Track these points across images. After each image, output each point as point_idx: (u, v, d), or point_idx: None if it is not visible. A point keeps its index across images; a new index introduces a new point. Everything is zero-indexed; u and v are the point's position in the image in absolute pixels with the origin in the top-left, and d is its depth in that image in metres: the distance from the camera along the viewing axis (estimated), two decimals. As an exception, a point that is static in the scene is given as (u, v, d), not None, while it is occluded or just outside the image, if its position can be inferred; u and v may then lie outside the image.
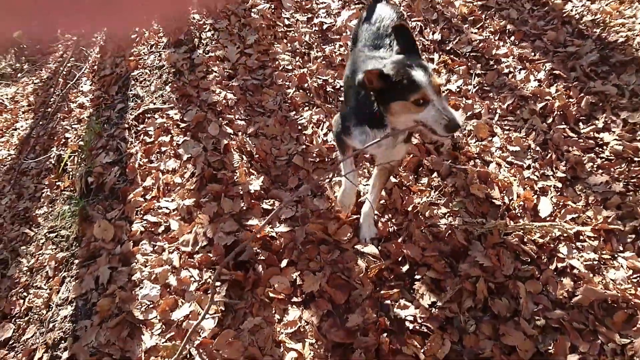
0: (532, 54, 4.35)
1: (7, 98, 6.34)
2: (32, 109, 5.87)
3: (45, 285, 3.24)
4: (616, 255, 2.95)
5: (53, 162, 4.27)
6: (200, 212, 3.20)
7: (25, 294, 3.32)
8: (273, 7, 4.92)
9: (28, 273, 3.48)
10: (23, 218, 4.10)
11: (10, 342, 3.05)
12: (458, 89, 4.12)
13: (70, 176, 3.99)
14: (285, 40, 4.61)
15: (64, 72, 5.86)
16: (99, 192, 3.53)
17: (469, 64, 4.34)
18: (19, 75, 7.04)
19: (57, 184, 4.04)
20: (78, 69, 5.67)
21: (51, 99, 5.49)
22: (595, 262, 2.90)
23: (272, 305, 2.85)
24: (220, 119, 3.81)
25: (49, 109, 5.29)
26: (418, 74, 2.17)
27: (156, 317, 2.75)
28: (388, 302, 2.85)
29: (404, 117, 2.32)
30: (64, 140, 4.43)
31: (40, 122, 5.25)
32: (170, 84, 4.19)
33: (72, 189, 3.76)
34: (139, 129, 3.86)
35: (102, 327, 2.74)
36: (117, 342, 2.69)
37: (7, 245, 3.87)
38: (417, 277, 2.95)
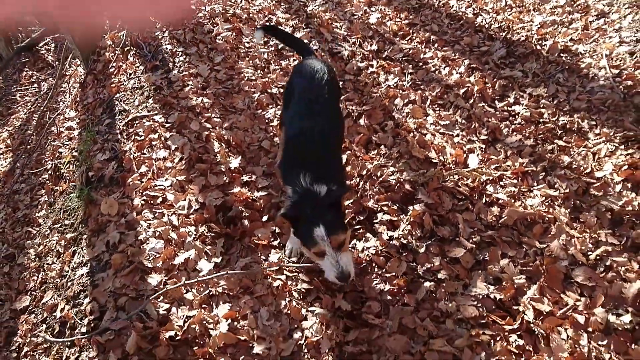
0: (453, 55, 5.01)
1: (-17, 144, 6.49)
2: (10, 149, 6.06)
3: (57, 260, 3.48)
4: (532, 189, 3.48)
5: (49, 172, 4.54)
6: (191, 185, 3.58)
7: (37, 273, 3.55)
8: (234, 34, 5.46)
9: (37, 259, 3.70)
10: (23, 222, 4.31)
11: (30, 308, 3.27)
12: (395, 85, 4.70)
13: (67, 180, 4.27)
14: (247, 58, 5.13)
15: (43, 108, 6.14)
16: (100, 182, 3.83)
17: (402, 66, 4.95)
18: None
19: (56, 188, 4.31)
20: (54, 110, 5.96)
21: (31, 137, 5.71)
22: (516, 193, 3.41)
23: (257, 250, 3.22)
24: (200, 117, 4.24)
25: (33, 138, 5.55)
26: (318, 232, 2.41)
27: (161, 264, 3.07)
28: (355, 240, 3.25)
29: (309, 255, 2.66)
30: (58, 154, 4.72)
31: (24, 156, 5.48)
32: (152, 98, 4.59)
33: (74, 185, 4.04)
34: (129, 131, 4.22)
35: (116, 276, 3.02)
36: (131, 285, 2.97)
37: (11, 243, 4.07)
38: (376, 221, 3.38)
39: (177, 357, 2.63)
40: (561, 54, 4.56)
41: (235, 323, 2.78)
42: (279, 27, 5.01)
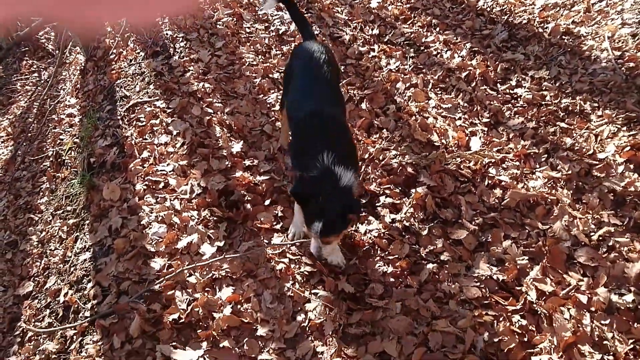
0: (455, 38, 4.95)
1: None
2: (11, 137, 6.03)
3: (59, 246, 3.47)
4: (534, 171, 3.45)
5: (51, 159, 4.51)
6: (193, 170, 3.55)
7: (39, 259, 3.54)
8: (235, 19, 5.39)
9: (39, 245, 3.69)
10: (25, 209, 4.30)
11: (33, 294, 3.27)
12: (397, 69, 4.65)
13: (68, 167, 4.24)
14: (248, 44, 5.07)
15: (43, 96, 6.10)
16: (102, 168, 3.80)
17: (404, 50, 4.90)
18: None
19: (57, 175, 4.28)
20: (54, 98, 5.92)
21: (32, 125, 5.69)
22: (518, 175, 3.39)
23: (260, 234, 3.20)
24: (201, 102, 4.20)
25: (34, 126, 5.52)
26: (315, 227, 2.48)
27: (164, 248, 3.05)
28: (357, 224, 3.23)
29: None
30: (59, 141, 4.69)
31: (25, 143, 5.44)
32: (153, 83, 4.55)
33: (75, 171, 4.02)
34: (131, 117, 4.18)
35: (119, 260, 3.00)
36: (134, 269, 2.96)
37: (14, 230, 4.06)
38: (378, 204, 3.36)
39: (180, 340, 2.63)
40: (563, 37, 4.51)
41: (239, 306, 2.77)
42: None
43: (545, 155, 3.51)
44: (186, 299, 2.79)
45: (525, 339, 2.53)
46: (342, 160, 2.59)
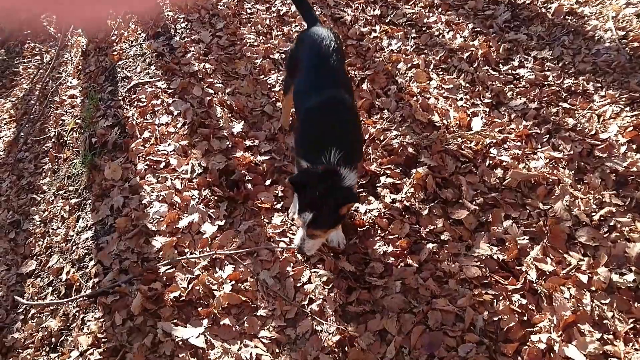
0: (457, 19, 4.84)
1: (-12, 115, 6.43)
2: (14, 119, 5.98)
3: (61, 225, 3.45)
4: (536, 151, 3.39)
5: (53, 140, 4.47)
6: (194, 149, 3.51)
7: (42, 239, 3.52)
8: (236, 0, 5.31)
9: (42, 224, 3.67)
10: (28, 190, 4.27)
11: (36, 272, 3.25)
12: (398, 49, 4.57)
13: (70, 148, 4.20)
14: (249, 24, 4.99)
15: (45, 79, 6.05)
16: (104, 148, 3.76)
17: (405, 30, 4.81)
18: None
19: (59, 156, 4.25)
20: (56, 79, 5.86)
21: (34, 107, 5.63)
22: (520, 155, 3.33)
23: (260, 213, 3.16)
24: (202, 83, 4.14)
25: (36, 107, 5.46)
26: (304, 216, 2.40)
27: (165, 227, 3.02)
28: (357, 204, 3.19)
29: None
30: (61, 122, 4.64)
31: (27, 125, 5.39)
32: (154, 64, 4.49)
33: (77, 152, 3.98)
34: (132, 98, 4.13)
35: (121, 239, 2.98)
36: (135, 248, 2.94)
37: (17, 210, 4.04)
38: (379, 184, 3.31)
39: (181, 317, 2.61)
40: (567, 17, 4.41)
41: (240, 284, 2.74)
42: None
43: (547, 136, 3.45)
44: (187, 277, 2.76)
45: (525, 318, 2.50)
46: (348, 159, 2.50)
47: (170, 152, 3.51)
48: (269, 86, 4.18)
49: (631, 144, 3.16)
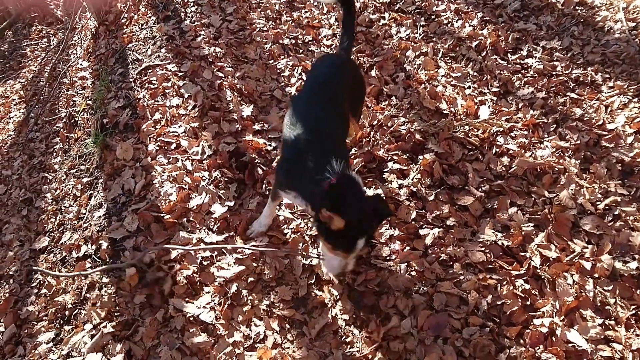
0: (466, 7, 4.82)
1: (-3, 95, 6.46)
2: (24, 100, 6.00)
3: (74, 203, 3.47)
4: (542, 140, 3.40)
5: (64, 120, 4.49)
6: (204, 132, 3.52)
7: (54, 216, 3.55)
8: (246, -16, 5.29)
9: (54, 202, 3.70)
10: (39, 169, 4.30)
11: (48, 248, 3.29)
12: (407, 37, 4.55)
13: (82, 128, 4.22)
14: (259, 9, 4.97)
15: (55, 61, 6.05)
16: (115, 129, 3.77)
17: (414, 18, 4.79)
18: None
19: (70, 136, 4.27)
20: (66, 62, 5.86)
21: (43, 88, 5.65)
22: (526, 144, 3.34)
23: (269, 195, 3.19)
24: (212, 66, 4.14)
25: (46, 89, 5.48)
26: (359, 244, 2.13)
27: (176, 206, 3.04)
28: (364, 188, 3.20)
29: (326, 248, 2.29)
30: (72, 103, 4.66)
31: (37, 106, 5.40)
32: (164, 47, 4.48)
33: (88, 132, 4.00)
34: (143, 80, 4.13)
35: (132, 218, 3.01)
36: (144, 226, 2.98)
37: (29, 188, 4.07)
38: (386, 170, 3.32)
39: (191, 294, 2.64)
40: (577, 7, 4.39)
41: (250, 263, 2.78)
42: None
43: (554, 125, 3.46)
44: (199, 257, 2.79)
45: (528, 303, 2.53)
46: (347, 163, 2.35)
47: (181, 133, 3.53)
48: (278, 71, 4.19)
49: (638, 135, 3.17)
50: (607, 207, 2.85)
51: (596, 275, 2.56)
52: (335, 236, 2.11)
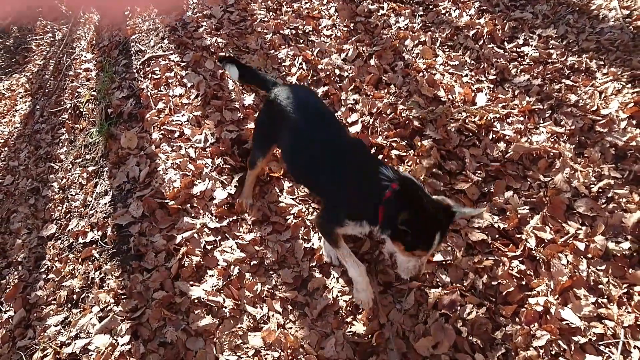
0: (464, -3, 4.83)
1: (3, 88, 6.48)
2: (29, 93, 6.02)
3: (80, 192, 3.51)
4: (538, 126, 3.42)
5: (69, 111, 4.51)
6: (206, 120, 3.55)
7: (61, 204, 3.59)
8: (247, -24, 5.29)
9: (60, 191, 3.73)
10: (46, 159, 4.33)
11: (56, 235, 3.33)
12: (405, 27, 4.56)
13: (86, 118, 4.25)
14: (259, 1, 4.98)
15: (59, 54, 6.07)
16: (119, 118, 3.80)
17: (413, 8, 4.79)
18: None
19: (76, 126, 4.30)
20: (70, 54, 5.87)
21: (49, 81, 5.67)
22: (522, 130, 3.36)
23: (272, 182, 3.22)
24: (214, 56, 4.16)
25: (51, 81, 5.50)
26: (437, 239, 2.05)
27: (180, 193, 3.08)
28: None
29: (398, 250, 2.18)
30: (77, 94, 4.68)
31: (43, 98, 5.43)
32: (167, 38, 4.50)
33: (93, 122, 4.03)
34: (146, 70, 4.16)
35: (138, 205, 3.05)
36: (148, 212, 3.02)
37: (35, 178, 4.10)
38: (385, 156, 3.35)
39: (197, 278, 2.68)
40: (572, -4, 4.39)
41: (253, 247, 2.82)
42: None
43: (550, 111, 3.48)
44: (203, 242, 2.83)
45: (523, 283, 2.57)
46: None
47: (184, 122, 3.56)
48: (279, 61, 4.20)
49: (631, 120, 3.19)
50: (600, 190, 2.88)
51: (590, 255, 2.60)
52: (413, 236, 2.04)
